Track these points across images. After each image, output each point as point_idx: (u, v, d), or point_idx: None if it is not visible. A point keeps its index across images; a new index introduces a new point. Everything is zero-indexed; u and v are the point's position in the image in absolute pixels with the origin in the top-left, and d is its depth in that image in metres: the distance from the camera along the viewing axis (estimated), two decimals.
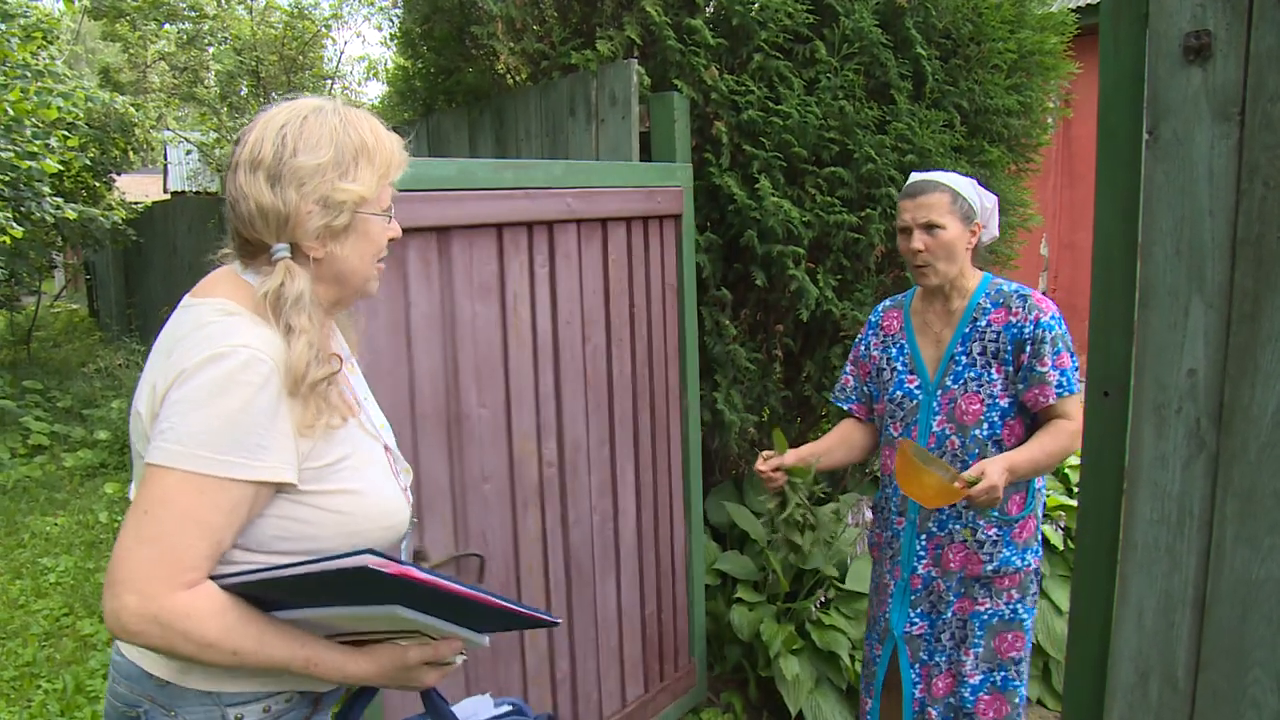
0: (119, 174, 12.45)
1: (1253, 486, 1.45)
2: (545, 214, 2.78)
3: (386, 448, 1.60)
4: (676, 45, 3.48)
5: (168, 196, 16.44)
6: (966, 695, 2.67)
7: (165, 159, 19.07)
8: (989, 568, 2.61)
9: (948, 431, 2.60)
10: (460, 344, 2.54)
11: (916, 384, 2.68)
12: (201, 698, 1.46)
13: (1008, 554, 2.61)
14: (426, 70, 5.23)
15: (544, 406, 2.87)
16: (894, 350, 2.76)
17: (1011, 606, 2.65)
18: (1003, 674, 2.65)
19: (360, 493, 1.47)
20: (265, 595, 1.38)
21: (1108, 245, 1.70)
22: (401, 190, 1.73)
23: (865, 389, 2.87)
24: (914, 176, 2.65)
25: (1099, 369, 1.74)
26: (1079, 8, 8.44)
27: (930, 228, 2.55)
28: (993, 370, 2.56)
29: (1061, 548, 4.05)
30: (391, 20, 5.42)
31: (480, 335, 2.60)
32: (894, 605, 2.75)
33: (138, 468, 1.45)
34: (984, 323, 2.58)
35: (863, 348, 2.86)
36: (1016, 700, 2.68)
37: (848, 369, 2.91)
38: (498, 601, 1.41)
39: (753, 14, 3.51)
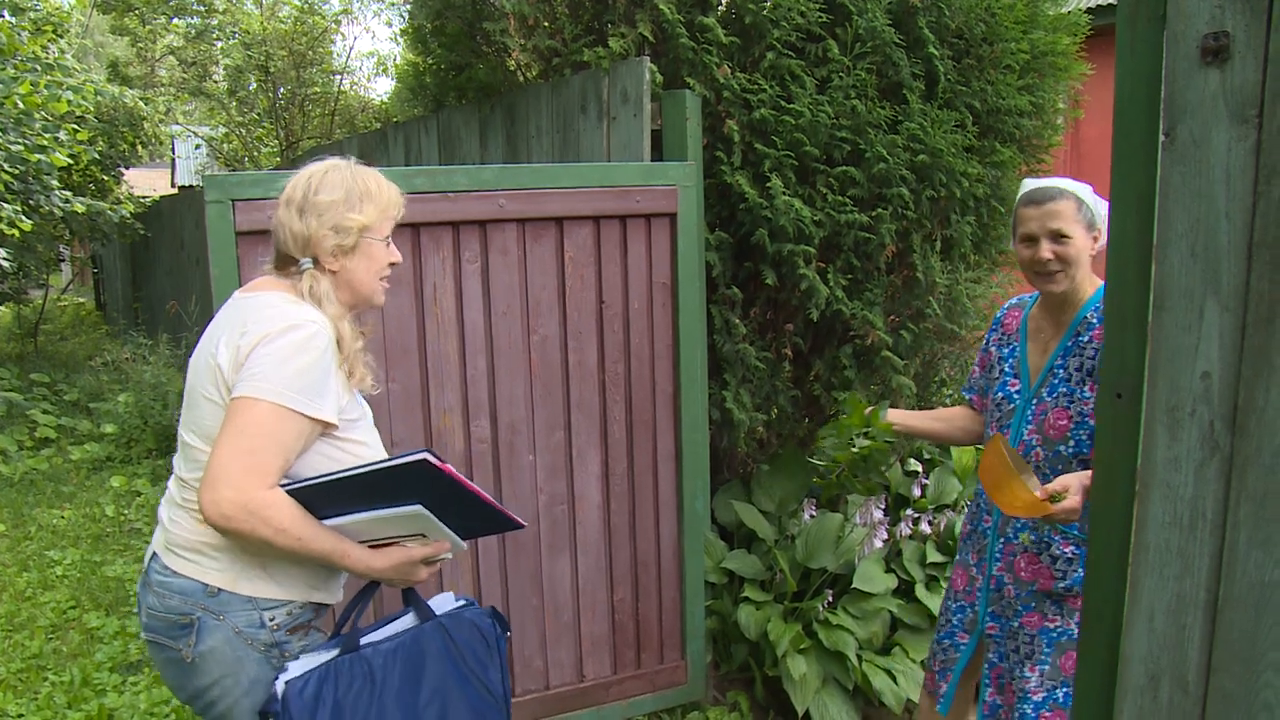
0: (127, 168, 12.47)
1: (1267, 490, 1.45)
2: (472, 214, 3.06)
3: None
4: (689, 43, 3.48)
5: (175, 191, 16.46)
6: (1028, 711, 2.55)
7: (173, 153, 19.12)
8: (1061, 585, 2.51)
9: (1034, 442, 2.51)
10: (364, 326, 2.79)
11: (1017, 389, 2.61)
12: (244, 603, 1.96)
13: (1082, 573, 2.40)
14: (437, 66, 5.25)
15: (474, 387, 3.17)
16: (1006, 350, 2.69)
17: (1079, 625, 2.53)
18: (1064, 690, 2.52)
19: (367, 444, 2.07)
20: (319, 502, 1.90)
21: (1122, 247, 1.69)
22: None
23: (982, 382, 2.82)
24: (1031, 183, 2.52)
25: (1112, 372, 1.73)
26: (1091, 8, 8.41)
27: (1058, 236, 2.43)
28: (1086, 388, 2.44)
29: None
30: (402, 15, 5.42)
31: (390, 320, 2.98)
32: (981, 599, 2.70)
33: (199, 406, 1.97)
34: (1086, 338, 2.47)
35: (985, 342, 2.82)
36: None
37: (977, 359, 2.87)
38: (490, 500, 1.99)
39: (765, 12, 3.51)
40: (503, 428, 3.22)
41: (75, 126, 8.87)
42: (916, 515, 4.12)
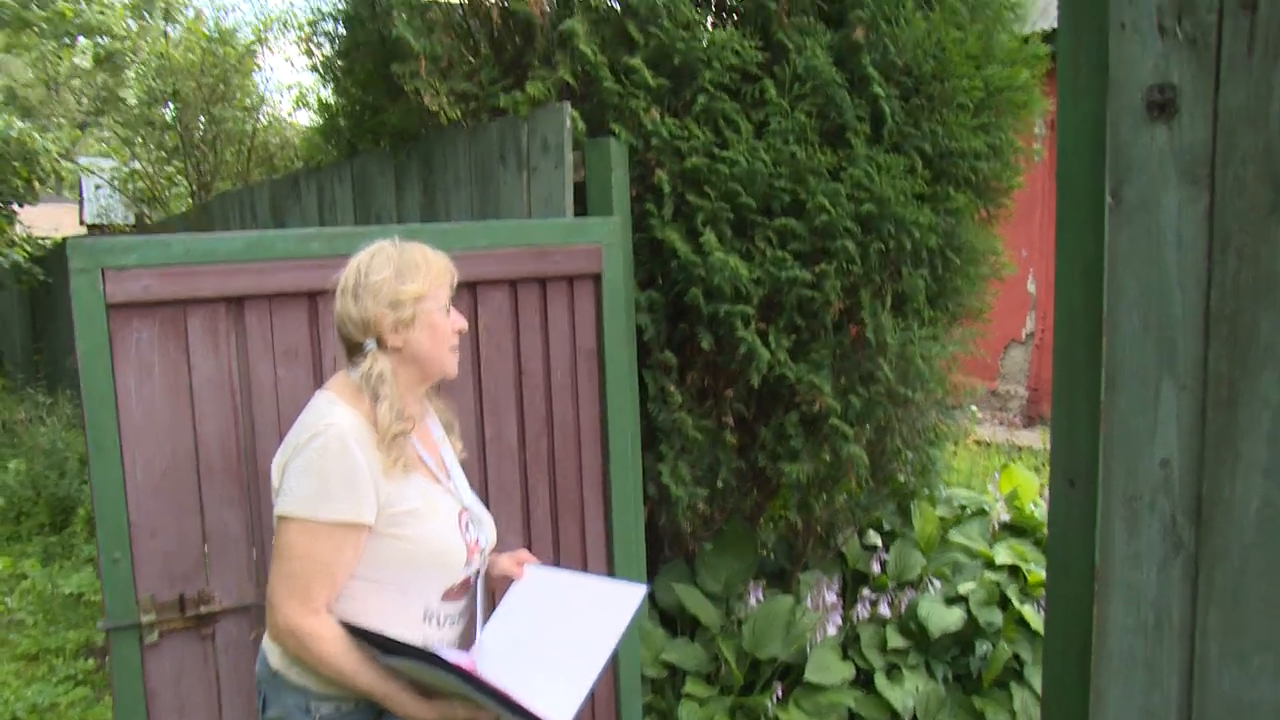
0: (21, 206, 12.20)
1: (1237, 593, 1.40)
2: None
3: (466, 509, 2.29)
4: (614, 86, 3.43)
5: (83, 230, 16.21)
6: None
7: (80, 190, 18.79)
8: None
9: None
10: (259, 406, 2.82)
11: None
12: (294, 690, 2.18)
13: None
14: (351, 107, 5.16)
15: None
16: None
17: None
18: None
19: (421, 538, 2.14)
20: (375, 642, 2.07)
21: (1069, 317, 1.65)
22: (183, 265, 2.65)
23: None
24: None
25: (1063, 455, 1.68)
26: (1054, 31, 8.46)
27: None
28: None
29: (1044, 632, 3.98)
30: (313, 51, 5.34)
31: (286, 398, 2.85)
32: None
33: None
34: None
35: None
36: None
37: None
38: (512, 698, 2.02)
39: (697, 52, 3.47)
40: None
41: None
42: (875, 596, 4.04)
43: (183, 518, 2.73)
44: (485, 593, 2.40)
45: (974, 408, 4.46)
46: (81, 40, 13.10)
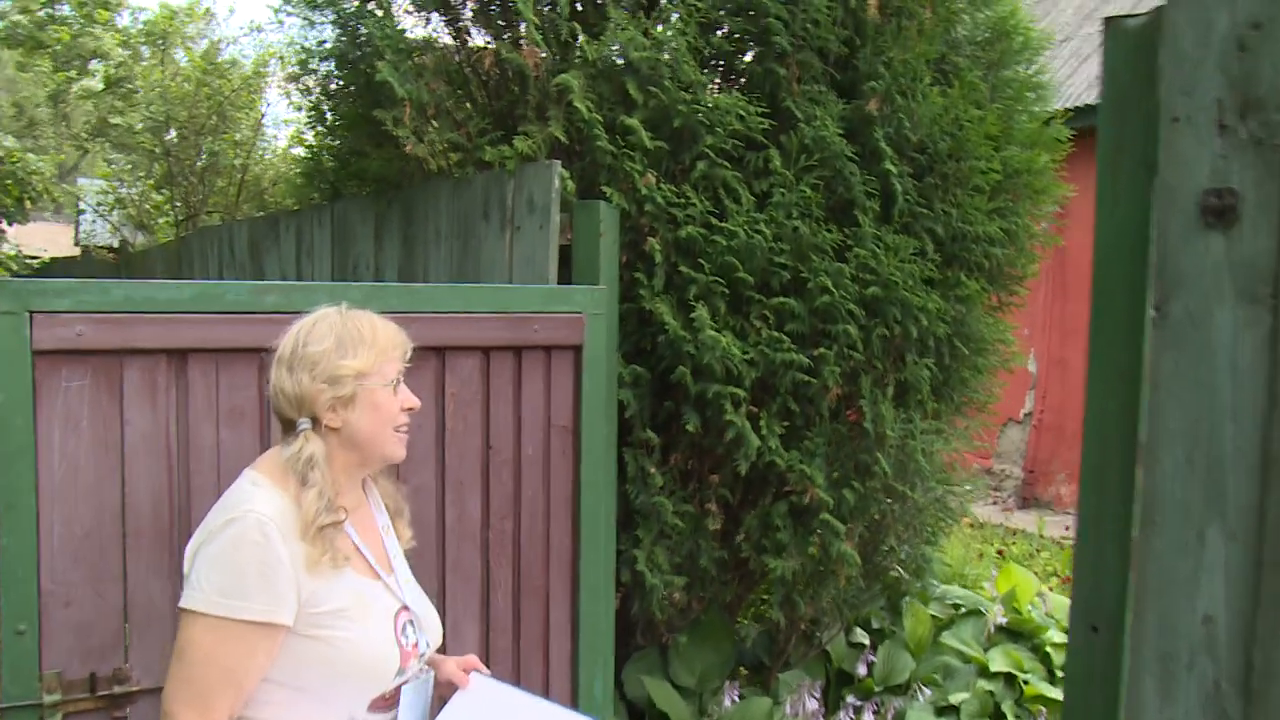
0: (10, 224, 12.10)
1: None
2: None
3: (406, 607, 2.08)
4: (608, 146, 3.29)
5: (77, 251, 16.16)
6: None
7: (78, 209, 18.76)
8: None
9: None
10: (197, 469, 2.65)
11: None
12: None
13: None
14: (336, 149, 5.04)
15: None
16: None
17: None
18: None
19: (348, 641, 1.93)
20: None
21: (1101, 439, 1.47)
22: (123, 313, 2.48)
23: None
24: None
25: (1086, 595, 1.51)
26: (1079, 107, 8.44)
27: None
28: None
29: None
30: (305, 90, 5.24)
31: (228, 462, 2.65)
32: None
33: None
34: None
35: None
36: None
37: None
38: None
39: (699, 115, 3.33)
40: None
41: None
42: (860, 702, 3.84)
43: (103, 587, 2.53)
44: (430, 698, 2.18)
45: (968, 486, 4.26)
46: (95, 63, 13.13)
